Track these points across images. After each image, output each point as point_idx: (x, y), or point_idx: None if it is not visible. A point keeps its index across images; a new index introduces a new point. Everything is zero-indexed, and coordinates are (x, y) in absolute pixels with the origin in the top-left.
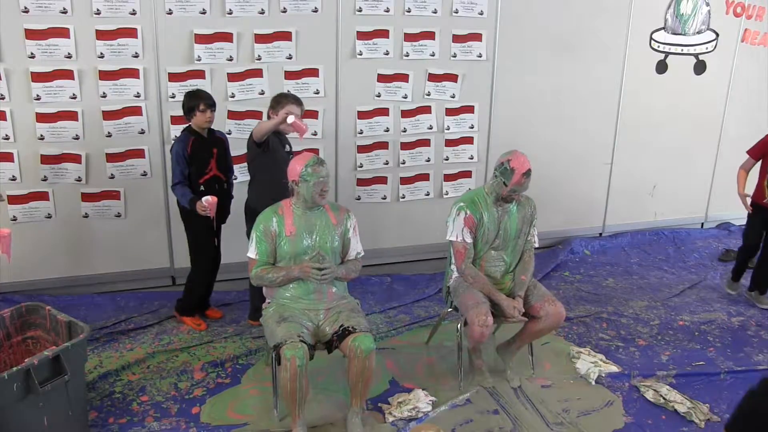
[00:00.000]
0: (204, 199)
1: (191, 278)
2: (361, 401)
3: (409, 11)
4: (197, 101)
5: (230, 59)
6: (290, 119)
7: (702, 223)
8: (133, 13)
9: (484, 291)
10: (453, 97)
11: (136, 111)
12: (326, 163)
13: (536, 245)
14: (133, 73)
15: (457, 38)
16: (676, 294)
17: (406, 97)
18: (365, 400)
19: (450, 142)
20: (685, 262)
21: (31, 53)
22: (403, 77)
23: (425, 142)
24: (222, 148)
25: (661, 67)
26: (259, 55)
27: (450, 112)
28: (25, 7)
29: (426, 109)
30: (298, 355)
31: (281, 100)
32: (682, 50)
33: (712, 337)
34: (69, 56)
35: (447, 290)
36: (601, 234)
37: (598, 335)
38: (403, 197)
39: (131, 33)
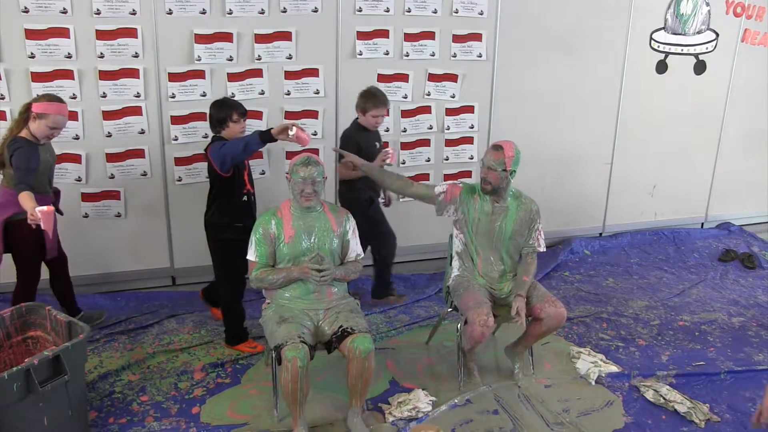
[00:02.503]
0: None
1: (226, 303)
2: (361, 401)
3: (409, 11)
4: (229, 111)
5: (230, 59)
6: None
7: (702, 223)
8: (133, 13)
9: (381, 177)
10: (453, 97)
11: (136, 111)
12: (317, 164)
13: (541, 249)
14: (133, 73)
15: (457, 38)
16: (676, 294)
17: (406, 97)
18: (365, 400)
19: (450, 142)
20: (685, 262)
21: (31, 53)
22: (403, 77)
23: (425, 142)
24: (248, 161)
25: (661, 67)
26: (259, 55)
27: (450, 112)
28: (25, 7)
29: (426, 109)
30: (300, 356)
31: (367, 102)
32: (682, 50)
33: (712, 337)
34: (69, 56)
35: (447, 290)
36: (601, 234)
37: (598, 335)
38: (404, 197)
39: (131, 33)
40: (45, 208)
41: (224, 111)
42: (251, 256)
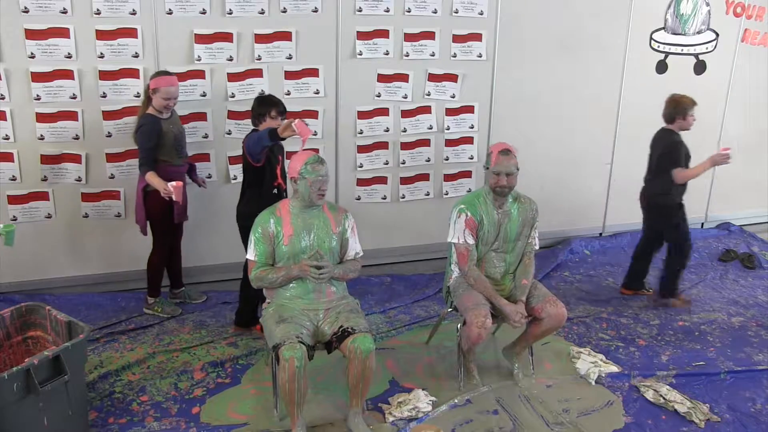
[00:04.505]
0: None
1: (247, 286)
2: (362, 401)
3: (409, 11)
4: (269, 108)
5: (230, 59)
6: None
7: (702, 223)
8: (133, 13)
9: (485, 294)
10: (453, 97)
11: (136, 111)
12: (326, 163)
13: (537, 248)
14: (133, 73)
15: (457, 38)
16: None
17: (406, 97)
18: (365, 400)
19: (450, 142)
20: None
21: (31, 53)
22: (403, 77)
23: (425, 142)
24: (283, 156)
25: (661, 67)
26: (259, 55)
27: (450, 112)
28: (25, 7)
29: (426, 109)
30: (297, 356)
31: (688, 106)
32: (682, 50)
33: (712, 337)
34: (69, 56)
35: (447, 290)
36: (601, 234)
37: (598, 335)
38: (403, 197)
39: (131, 33)
40: (175, 183)
41: (264, 107)
42: (250, 255)
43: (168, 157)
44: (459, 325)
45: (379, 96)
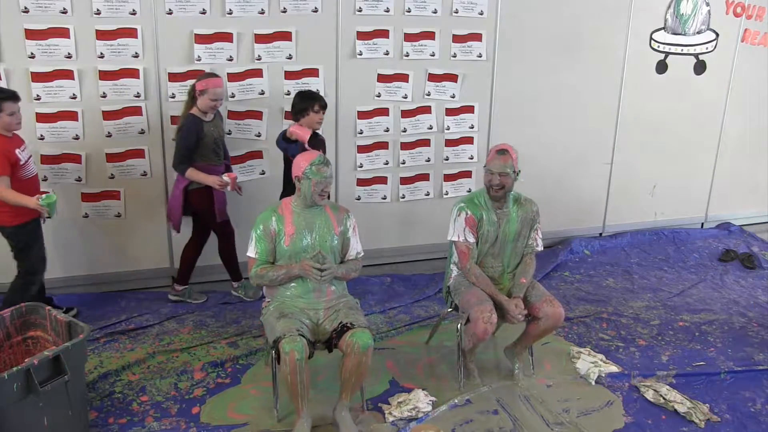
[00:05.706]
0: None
1: None
2: (352, 396)
3: (409, 11)
4: (311, 102)
5: (230, 59)
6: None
7: (702, 223)
8: (133, 13)
9: (486, 291)
10: (453, 97)
11: (136, 111)
12: (331, 164)
13: (540, 249)
14: (133, 73)
15: (457, 38)
16: (676, 294)
17: (406, 97)
18: (354, 396)
19: (450, 142)
20: (685, 262)
21: (31, 53)
22: (403, 77)
23: (425, 142)
24: (324, 151)
25: (661, 67)
26: (259, 55)
27: (450, 112)
28: (25, 7)
29: (426, 109)
30: (297, 348)
31: None
32: (682, 50)
33: (713, 337)
34: (69, 56)
35: (447, 290)
36: (601, 234)
37: (598, 335)
38: (403, 197)
39: (131, 33)
40: (227, 174)
41: (306, 102)
42: (251, 252)
43: (204, 158)
44: (459, 325)
45: (379, 96)
